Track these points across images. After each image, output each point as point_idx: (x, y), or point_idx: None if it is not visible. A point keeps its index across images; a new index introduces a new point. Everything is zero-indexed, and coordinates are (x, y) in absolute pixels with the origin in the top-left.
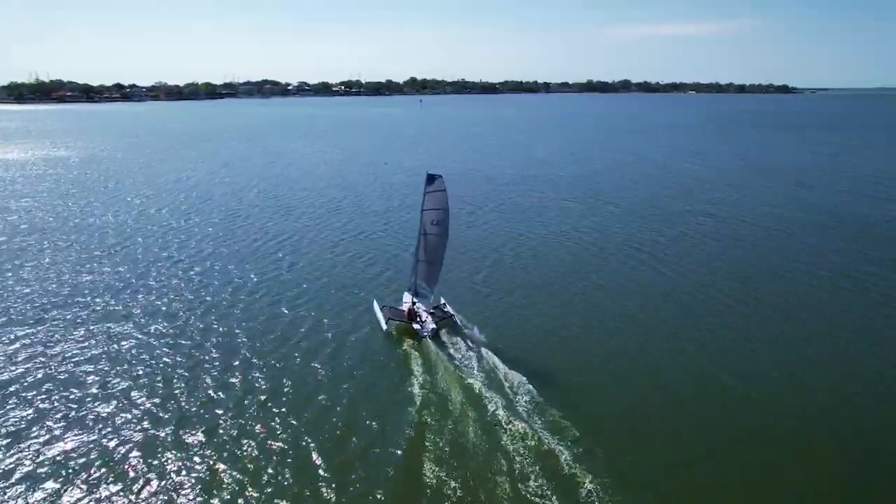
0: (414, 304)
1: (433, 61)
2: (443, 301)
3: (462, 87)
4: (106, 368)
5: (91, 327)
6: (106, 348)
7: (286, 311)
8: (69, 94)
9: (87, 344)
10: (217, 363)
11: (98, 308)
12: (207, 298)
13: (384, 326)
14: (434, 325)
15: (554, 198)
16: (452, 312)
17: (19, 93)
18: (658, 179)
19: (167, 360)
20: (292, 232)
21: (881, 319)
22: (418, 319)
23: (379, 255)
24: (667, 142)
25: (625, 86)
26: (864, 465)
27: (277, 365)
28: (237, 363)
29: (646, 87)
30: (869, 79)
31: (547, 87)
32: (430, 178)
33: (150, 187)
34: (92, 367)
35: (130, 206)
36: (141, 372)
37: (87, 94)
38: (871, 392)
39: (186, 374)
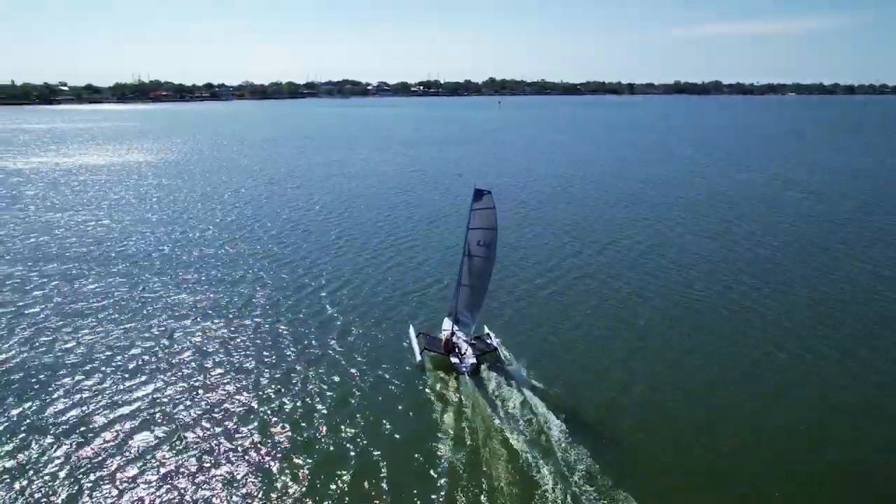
0: (453, 333)
1: (512, 61)
2: (486, 331)
3: (542, 88)
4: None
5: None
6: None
7: (315, 331)
8: (164, 93)
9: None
10: (236, 381)
11: (130, 325)
12: (230, 309)
13: (418, 357)
14: (474, 360)
15: (645, 220)
16: (496, 345)
17: (122, 93)
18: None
19: (182, 380)
20: (338, 245)
21: None
22: (456, 351)
23: (426, 274)
24: (810, 156)
25: (716, 87)
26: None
27: (292, 388)
28: (255, 382)
29: (739, 89)
30: None
31: (631, 89)
32: (478, 194)
33: (209, 201)
34: (126, 390)
35: (181, 223)
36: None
37: (181, 93)
38: None
39: (191, 396)
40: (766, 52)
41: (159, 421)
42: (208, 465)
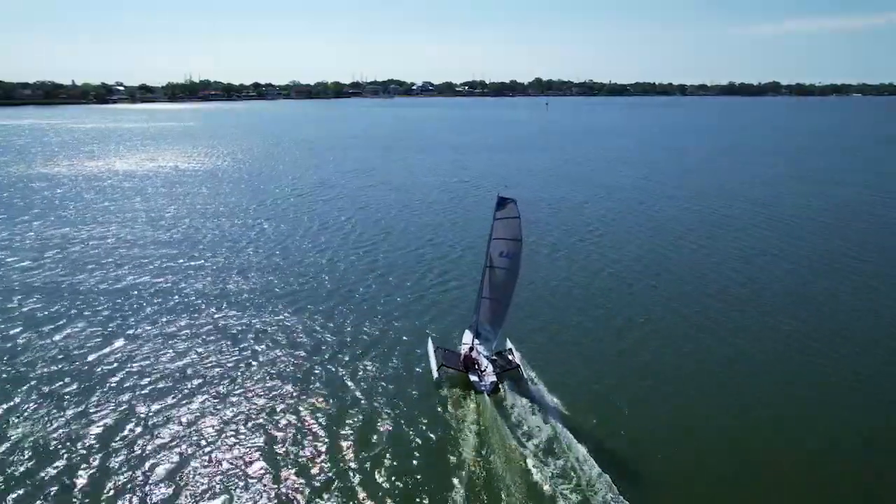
0: (471, 348)
1: (558, 61)
2: (509, 345)
3: (589, 89)
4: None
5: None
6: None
7: (330, 342)
8: (213, 93)
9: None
10: (247, 392)
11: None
12: (240, 315)
13: (435, 374)
14: (494, 378)
15: (721, 241)
16: (518, 362)
17: (173, 93)
18: None
19: (186, 378)
20: (361, 252)
21: None
22: (476, 367)
23: (453, 286)
24: None
25: (773, 88)
26: None
27: (301, 405)
28: (264, 396)
29: (799, 90)
30: None
31: (682, 90)
32: (501, 202)
33: (231, 216)
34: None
35: (195, 245)
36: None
37: (228, 92)
38: None
39: (200, 407)
40: (824, 51)
41: (176, 437)
42: (211, 474)
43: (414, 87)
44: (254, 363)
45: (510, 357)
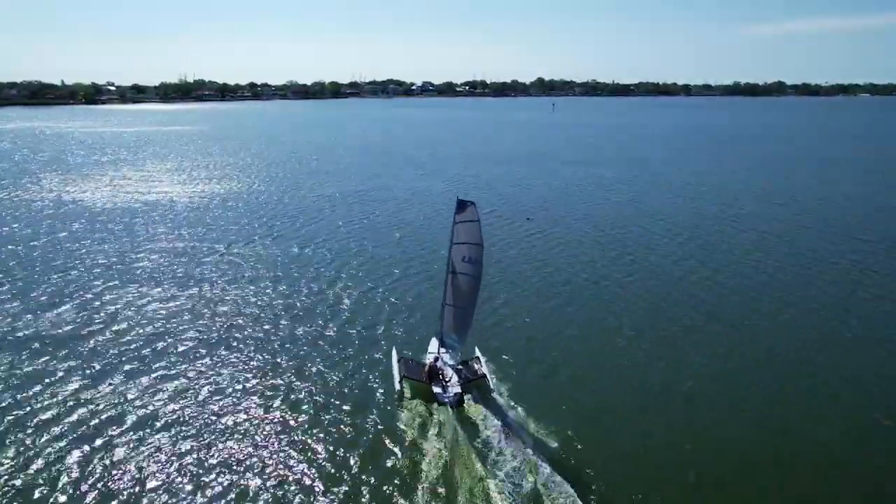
0: (437, 358)
1: (560, 60)
2: (477, 353)
3: (592, 89)
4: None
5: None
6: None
7: (290, 348)
8: (207, 93)
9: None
10: (200, 403)
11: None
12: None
13: (397, 385)
14: (458, 390)
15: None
16: (485, 372)
17: (165, 93)
18: None
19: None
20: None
21: None
22: (440, 378)
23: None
24: None
25: (779, 88)
26: None
27: (252, 419)
28: (212, 406)
29: (805, 90)
30: None
31: (687, 90)
32: (461, 205)
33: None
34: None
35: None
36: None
37: (223, 93)
38: None
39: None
40: (825, 52)
41: (129, 448)
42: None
43: (414, 88)
44: (206, 374)
45: (476, 367)
